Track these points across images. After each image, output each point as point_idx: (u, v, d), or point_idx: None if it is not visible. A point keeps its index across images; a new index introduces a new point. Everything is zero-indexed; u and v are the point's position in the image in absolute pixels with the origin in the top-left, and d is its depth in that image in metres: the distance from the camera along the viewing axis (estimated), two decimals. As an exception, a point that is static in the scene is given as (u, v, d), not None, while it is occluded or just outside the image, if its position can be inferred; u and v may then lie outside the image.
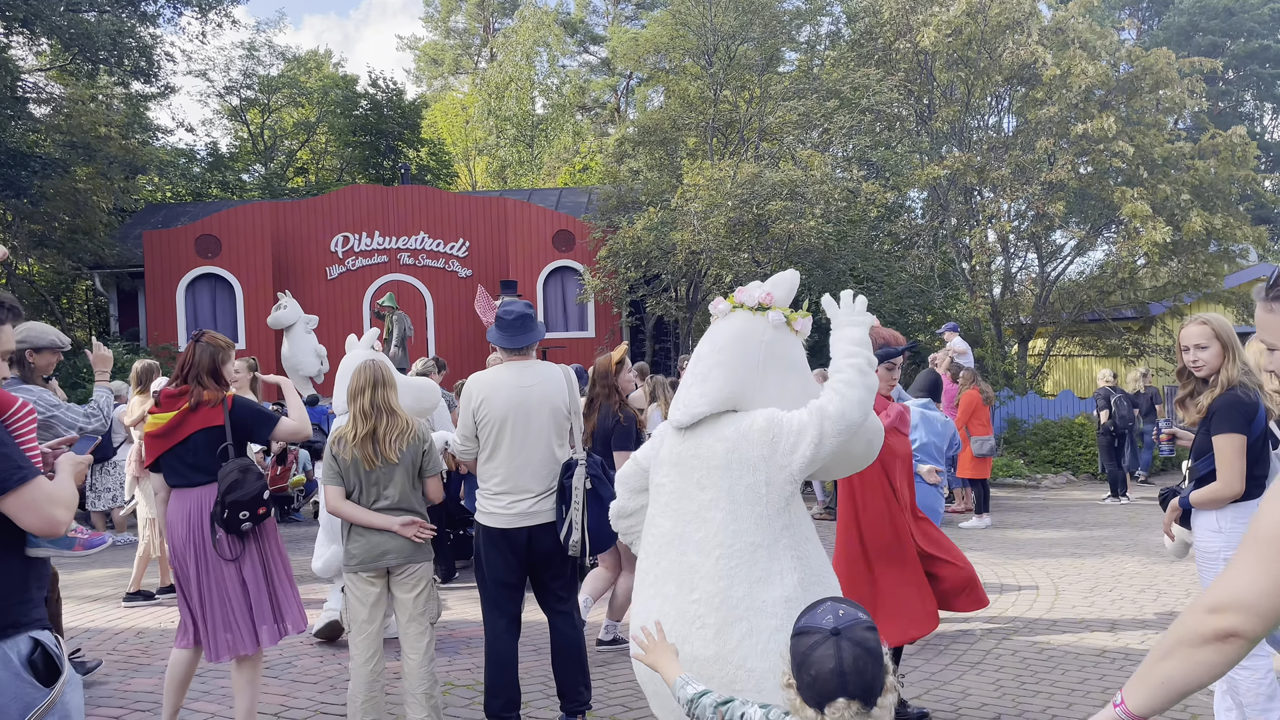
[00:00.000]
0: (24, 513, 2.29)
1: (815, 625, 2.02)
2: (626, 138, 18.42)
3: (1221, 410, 3.83)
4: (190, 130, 40.27)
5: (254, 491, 4.18)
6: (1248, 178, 16.88)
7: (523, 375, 4.46)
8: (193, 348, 4.34)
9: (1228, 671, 1.67)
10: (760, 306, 3.05)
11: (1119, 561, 8.44)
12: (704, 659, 2.76)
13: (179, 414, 4.25)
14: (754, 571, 2.82)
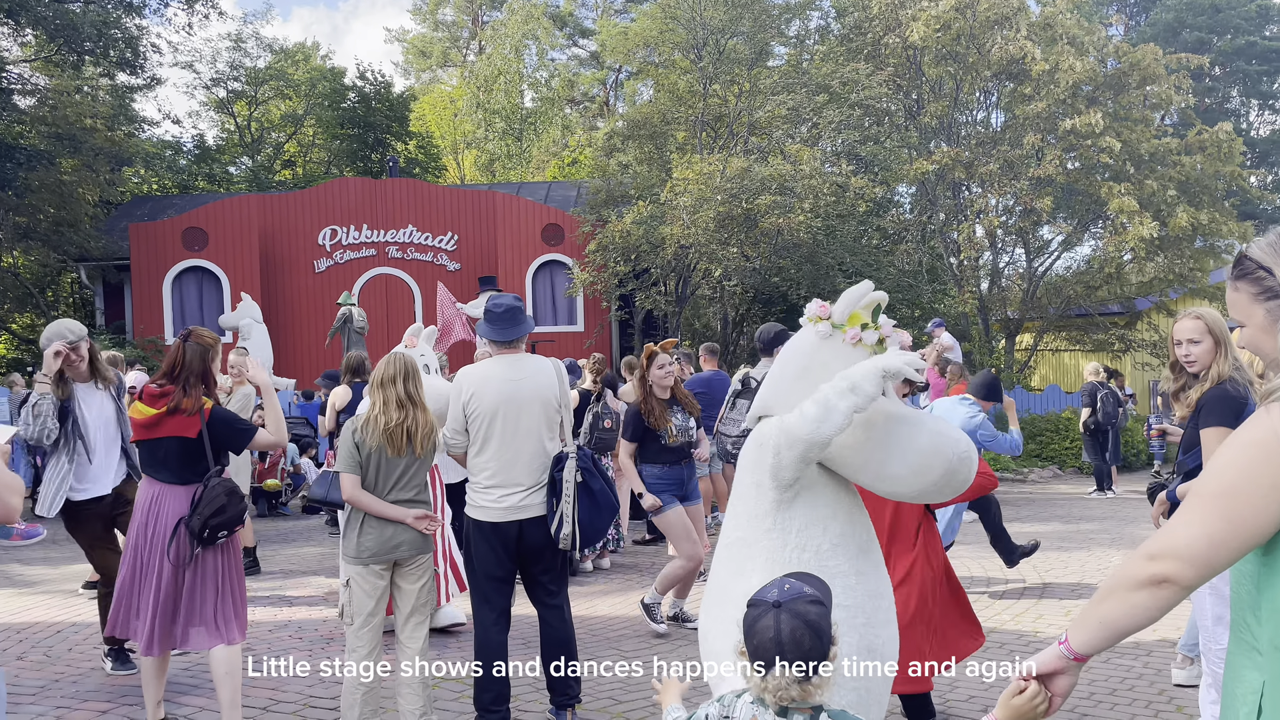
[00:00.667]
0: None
1: (761, 598, 2.13)
2: (616, 132, 18.40)
3: (1209, 404, 3.85)
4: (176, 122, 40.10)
5: (236, 514, 4.27)
6: (1234, 173, 16.99)
7: (513, 369, 4.46)
8: (181, 348, 4.32)
9: (1160, 616, 1.75)
10: (818, 318, 3.08)
11: (1105, 555, 8.49)
12: (700, 634, 3.10)
13: (157, 415, 4.27)
14: (733, 565, 3.03)
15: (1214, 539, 1.65)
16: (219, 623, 4.30)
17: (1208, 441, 3.83)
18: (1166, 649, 5.63)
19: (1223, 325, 3.95)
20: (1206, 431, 3.83)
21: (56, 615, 6.89)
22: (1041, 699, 1.89)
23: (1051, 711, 1.89)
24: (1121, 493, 12.55)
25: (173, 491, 4.28)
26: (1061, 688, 1.89)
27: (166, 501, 4.28)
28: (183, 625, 4.26)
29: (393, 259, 17.29)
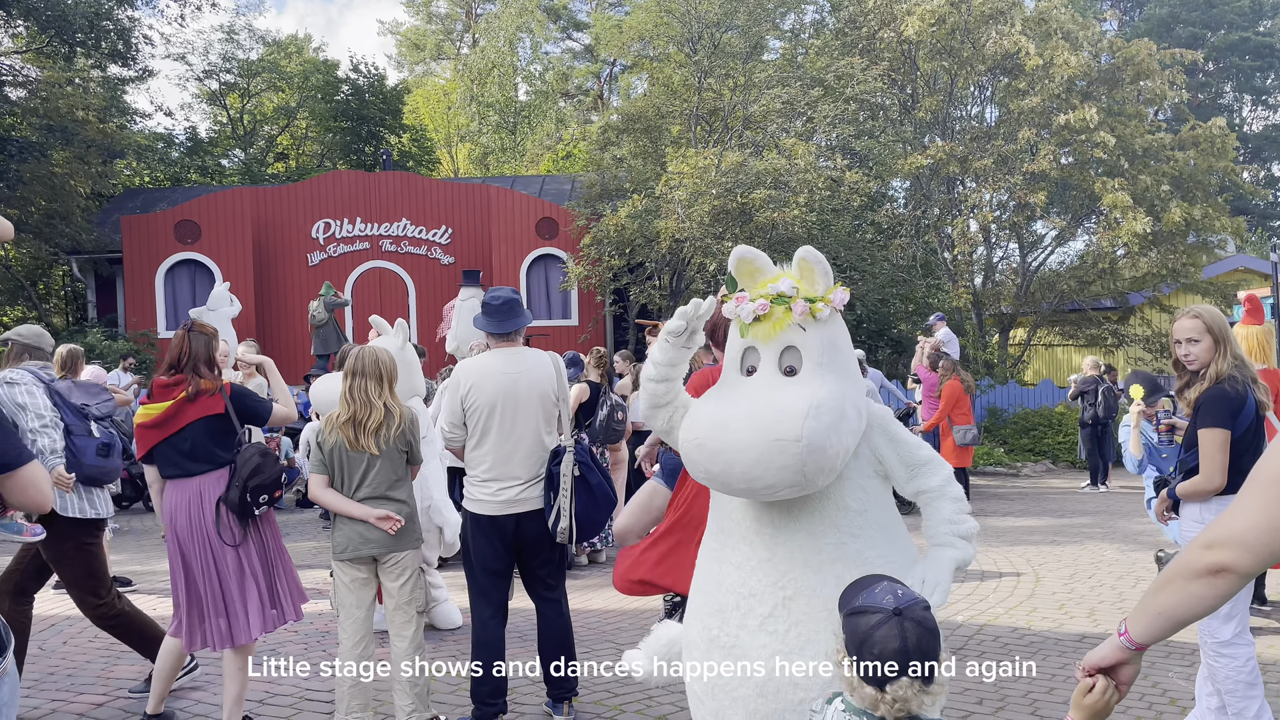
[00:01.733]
0: (25, 489, 2.34)
1: (876, 604, 2.03)
2: (610, 125, 18.38)
3: (1206, 404, 3.86)
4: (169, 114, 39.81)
5: (274, 475, 4.23)
6: (1227, 169, 17.04)
7: (511, 362, 4.45)
8: (186, 338, 4.31)
9: (1220, 605, 1.77)
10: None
11: (1098, 549, 8.53)
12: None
13: (175, 404, 4.22)
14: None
15: (1271, 525, 1.67)
16: (274, 604, 4.30)
17: (1204, 442, 3.84)
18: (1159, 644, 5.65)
19: (1222, 323, 3.95)
20: (1202, 432, 3.84)
21: (50, 609, 6.87)
22: (1111, 691, 1.91)
23: (1119, 699, 1.92)
24: (1115, 487, 12.59)
25: (207, 479, 4.23)
26: (1126, 677, 1.92)
27: (207, 490, 4.22)
28: (236, 618, 4.22)
29: (386, 252, 17.26)
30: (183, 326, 4.38)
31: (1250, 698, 3.92)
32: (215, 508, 4.19)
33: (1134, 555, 8.21)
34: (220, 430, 4.29)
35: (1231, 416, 3.81)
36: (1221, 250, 19.74)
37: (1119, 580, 7.31)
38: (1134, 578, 7.38)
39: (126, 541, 9.72)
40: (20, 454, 2.31)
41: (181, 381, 4.25)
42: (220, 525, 4.18)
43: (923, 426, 11.42)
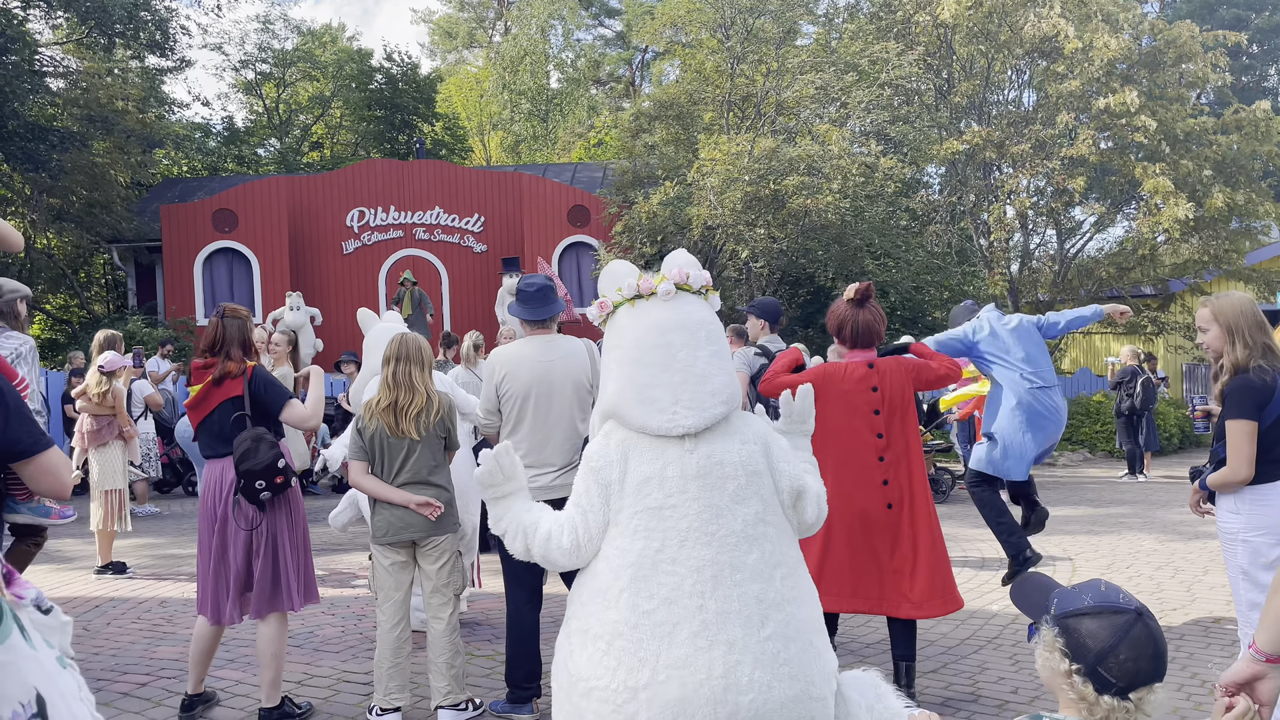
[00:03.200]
0: (45, 475, 2.38)
1: (1116, 605, 1.84)
2: (642, 112, 18.34)
3: (1231, 395, 3.83)
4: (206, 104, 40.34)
5: (266, 461, 4.19)
6: (1271, 153, 16.69)
7: (545, 349, 4.47)
8: (220, 323, 4.37)
9: None
10: (703, 289, 2.76)
11: (1136, 539, 8.43)
12: (790, 700, 2.41)
13: (205, 387, 4.32)
14: (803, 588, 2.60)
15: None
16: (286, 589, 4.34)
17: (1230, 433, 3.81)
18: (1197, 632, 5.59)
19: (1234, 311, 3.88)
20: (1228, 424, 3.81)
21: (94, 591, 7.02)
22: (1253, 713, 1.82)
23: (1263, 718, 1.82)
24: (1154, 477, 12.43)
25: (229, 462, 4.31)
26: (1265, 693, 1.83)
27: (230, 472, 4.28)
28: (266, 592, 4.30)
29: (420, 240, 17.35)
30: (216, 312, 4.45)
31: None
32: (234, 491, 4.28)
33: (1172, 545, 8.11)
34: (234, 414, 4.35)
35: (1258, 407, 3.77)
36: (1265, 236, 19.36)
37: (1157, 570, 7.22)
38: (1172, 568, 7.29)
39: (167, 525, 9.89)
40: (38, 441, 2.35)
41: (212, 364, 4.33)
42: (236, 509, 4.26)
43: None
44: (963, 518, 9.62)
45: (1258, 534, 3.85)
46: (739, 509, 2.53)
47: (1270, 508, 3.82)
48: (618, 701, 2.40)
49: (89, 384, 7.33)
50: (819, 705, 2.43)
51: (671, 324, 2.65)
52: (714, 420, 2.57)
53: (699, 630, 2.41)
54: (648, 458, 2.56)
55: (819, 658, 2.50)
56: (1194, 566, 7.33)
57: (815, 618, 2.59)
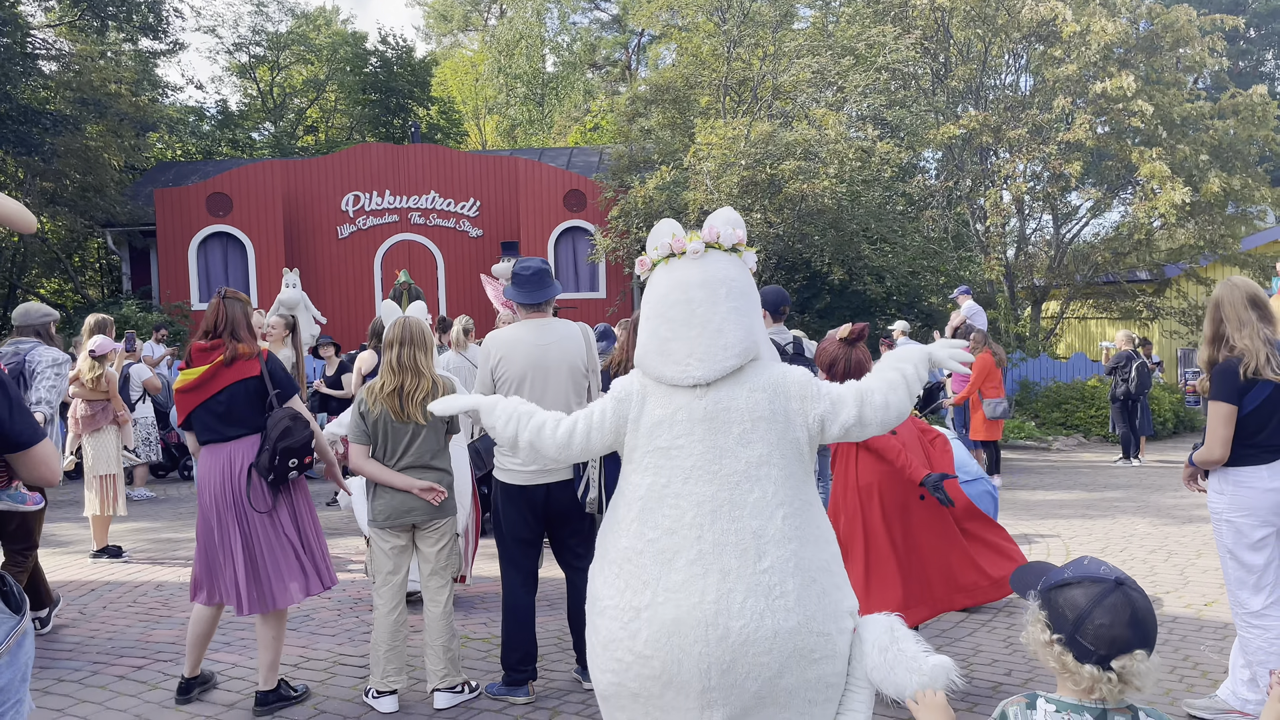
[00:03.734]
0: (38, 465, 2.42)
1: (1095, 575, 1.88)
2: (638, 96, 18.26)
3: (1213, 378, 3.96)
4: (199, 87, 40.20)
5: (304, 439, 4.21)
6: (1267, 138, 16.69)
7: (541, 333, 4.46)
8: (221, 304, 4.34)
9: None
10: (735, 247, 2.87)
11: (1129, 523, 8.46)
12: (785, 631, 2.54)
13: (212, 368, 4.25)
14: (811, 530, 2.70)
15: None
16: (315, 569, 4.34)
17: (1209, 413, 3.97)
18: (1190, 614, 5.62)
19: (1228, 298, 3.96)
20: (1209, 404, 3.96)
21: (89, 574, 7.02)
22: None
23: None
24: (1148, 461, 12.47)
25: (240, 444, 4.26)
26: None
27: (240, 455, 4.24)
28: (273, 584, 4.26)
29: (415, 225, 17.31)
30: (217, 294, 4.43)
31: (1284, 670, 3.90)
32: (247, 474, 4.23)
33: (1166, 529, 8.14)
34: (256, 394, 4.29)
35: (1239, 392, 3.86)
36: (1261, 221, 19.38)
37: (1150, 554, 7.26)
38: (1166, 551, 7.33)
39: (163, 509, 9.89)
40: (35, 433, 2.38)
41: (219, 346, 4.29)
42: (251, 491, 4.22)
43: (953, 400, 11.36)
44: (957, 502, 9.66)
45: (1240, 515, 3.93)
46: (743, 451, 2.66)
47: (1252, 490, 3.90)
48: (624, 619, 2.64)
49: (80, 369, 7.29)
50: (820, 640, 2.56)
51: (696, 281, 2.79)
52: (725, 372, 2.71)
53: (696, 559, 2.59)
54: (661, 403, 2.76)
55: (824, 595, 2.62)
56: (1187, 550, 7.37)
57: (824, 558, 2.69)
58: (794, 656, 2.54)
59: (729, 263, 2.84)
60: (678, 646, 2.55)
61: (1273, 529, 3.91)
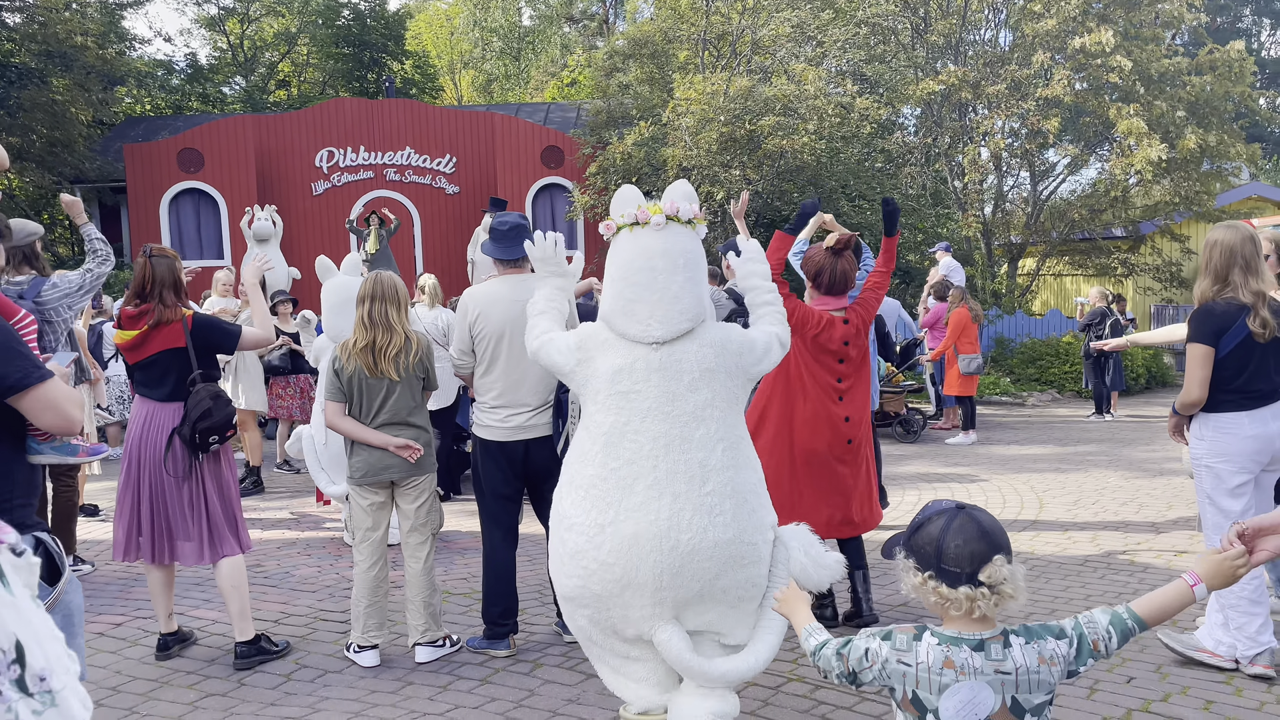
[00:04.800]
0: (45, 410, 2.33)
1: (939, 508, 2.09)
2: (616, 50, 18.04)
3: (1190, 321, 4.04)
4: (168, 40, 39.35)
5: (224, 419, 4.25)
6: (1244, 94, 16.72)
7: (519, 289, 4.44)
8: (148, 264, 4.29)
9: None
10: (690, 220, 3.32)
11: (1102, 476, 8.59)
12: (723, 542, 3.08)
13: (140, 334, 4.26)
14: (743, 458, 3.25)
15: None
16: (213, 538, 4.34)
17: (1187, 356, 4.02)
18: (1160, 564, 5.73)
19: (1212, 245, 4.00)
20: (1187, 346, 4.02)
21: (68, 533, 6.99)
22: (1243, 561, 2.01)
23: (1251, 567, 2.03)
24: (1120, 416, 12.63)
25: (165, 408, 4.29)
26: (1277, 546, 2.03)
27: (158, 418, 4.28)
28: (171, 541, 4.31)
29: (390, 181, 17.11)
30: (142, 253, 4.37)
31: (1253, 614, 4.00)
32: (169, 438, 4.24)
33: (1138, 482, 8.27)
34: (181, 365, 4.30)
35: (1213, 334, 3.92)
36: (1235, 178, 19.47)
37: (1122, 506, 7.38)
38: (1137, 504, 7.45)
39: (140, 469, 9.82)
40: (28, 375, 2.30)
41: (147, 311, 4.26)
42: (168, 456, 4.23)
43: (929, 355, 11.44)
44: (933, 456, 9.75)
45: (1219, 460, 4.00)
46: (691, 395, 3.18)
47: (1231, 436, 3.96)
48: (590, 533, 3.14)
49: None
50: (749, 548, 3.13)
51: (658, 251, 3.25)
52: (679, 333, 3.21)
53: (652, 484, 3.10)
54: (622, 353, 3.24)
55: (753, 514, 3.18)
56: (1158, 503, 7.49)
57: (753, 482, 3.25)
58: (729, 562, 3.08)
59: (686, 235, 3.31)
60: (636, 555, 3.06)
61: (1251, 476, 3.99)
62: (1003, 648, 2.02)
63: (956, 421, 11.38)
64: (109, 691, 4.16)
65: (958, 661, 2.01)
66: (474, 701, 4.00)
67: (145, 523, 4.29)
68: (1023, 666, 2.01)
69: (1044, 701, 2.03)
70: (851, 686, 2.16)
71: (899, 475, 8.61)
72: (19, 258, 5.22)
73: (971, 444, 10.61)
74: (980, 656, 2.01)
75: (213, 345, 4.40)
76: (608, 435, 3.18)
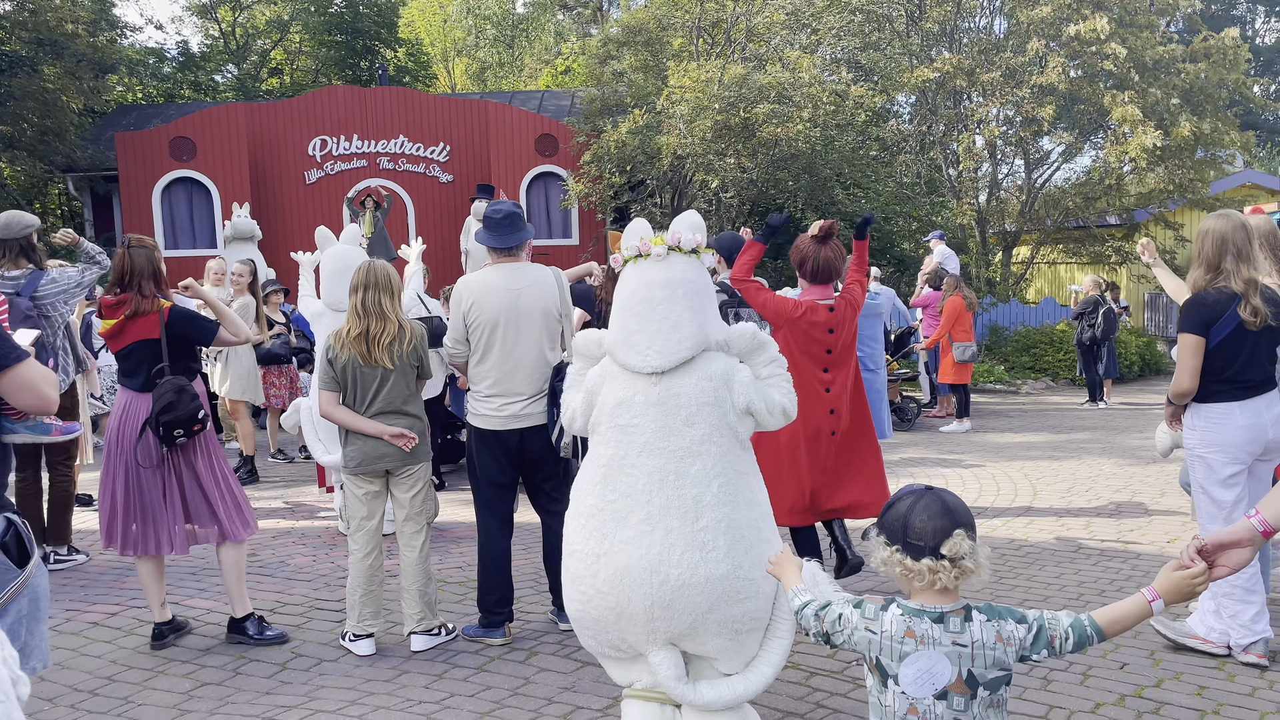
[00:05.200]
0: (21, 391, 2.33)
1: (910, 489, 2.23)
2: (610, 38, 17.95)
3: (1181, 310, 4.04)
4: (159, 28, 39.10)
5: (188, 413, 4.24)
6: (1238, 81, 16.71)
7: (513, 278, 4.43)
8: (126, 254, 4.32)
9: None
10: (694, 250, 3.30)
11: (1095, 464, 8.61)
12: (716, 578, 3.06)
13: (118, 323, 4.30)
14: (742, 495, 3.19)
15: None
16: (225, 522, 4.39)
17: (1178, 345, 4.03)
18: (1153, 551, 5.75)
19: (1204, 235, 4.00)
20: (1179, 336, 4.03)
21: (62, 523, 6.97)
22: (1202, 579, 2.08)
23: (1211, 581, 2.09)
24: (1114, 404, 12.66)
25: (141, 398, 4.32)
26: (1236, 560, 2.09)
27: (134, 407, 4.33)
28: (156, 530, 4.33)
29: (384, 170, 17.03)
30: (121, 244, 4.38)
31: (1248, 602, 4.02)
32: (141, 428, 4.27)
33: (1131, 469, 8.29)
34: (155, 356, 4.32)
35: (1203, 324, 3.92)
36: (1230, 165, 19.48)
37: (1116, 493, 7.40)
38: (1130, 490, 7.47)
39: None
40: (5, 356, 2.30)
41: (125, 301, 4.28)
42: (140, 445, 4.26)
43: (924, 344, 11.45)
44: (928, 444, 9.77)
45: (1211, 451, 4.01)
46: (687, 430, 3.14)
47: (1222, 427, 3.97)
48: (587, 562, 3.18)
49: None
50: (745, 584, 3.08)
51: (658, 281, 3.24)
52: (678, 362, 3.17)
53: (645, 518, 3.11)
54: (624, 385, 3.23)
55: (751, 549, 3.12)
56: (1151, 490, 7.52)
57: (753, 518, 3.19)
58: (722, 597, 3.05)
59: (688, 265, 3.29)
60: (628, 587, 3.08)
61: (1243, 466, 3.99)
62: (963, 621, 2.14)
63: (950, 409, 11.40)
64: (104, 681, 4.16)
65: (918, 632, 2.13)
66: (469, 690, 4.00)
67: (121, 511, 4.32)
68: (979, 641, 2.12)
69: (999, 678, 2.13)
70: (825, 645, 2.31)
71: (893, 462, 8.63)
72: (15, 251, 5.23)
73: (966, 432, 10.63)
74: (940, 628, 2.13)
75: (189, 338, 4.42)
76: (606, 467, 3.20)
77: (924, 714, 2.12)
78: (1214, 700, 3.76)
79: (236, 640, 4.52)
